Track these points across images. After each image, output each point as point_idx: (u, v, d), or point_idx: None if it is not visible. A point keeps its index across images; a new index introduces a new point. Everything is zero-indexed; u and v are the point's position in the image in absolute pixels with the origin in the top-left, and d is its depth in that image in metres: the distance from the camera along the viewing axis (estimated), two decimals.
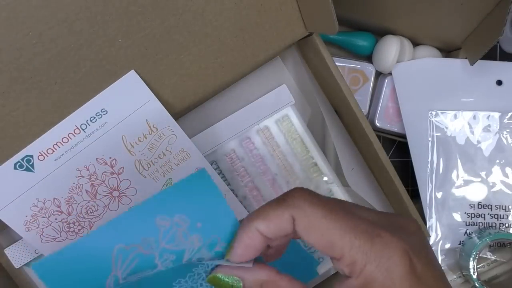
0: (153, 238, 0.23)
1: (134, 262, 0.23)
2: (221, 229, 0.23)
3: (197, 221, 0.23)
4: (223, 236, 0.23)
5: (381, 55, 0.45)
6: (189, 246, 0.23)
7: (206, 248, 0.23)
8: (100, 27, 0.31)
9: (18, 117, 0.31)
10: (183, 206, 0.23)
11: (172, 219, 0.23)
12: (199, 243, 0.23)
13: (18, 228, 0.33)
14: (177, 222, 0.23)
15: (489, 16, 0.41)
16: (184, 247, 0.23)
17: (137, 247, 0.23)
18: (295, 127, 0.40)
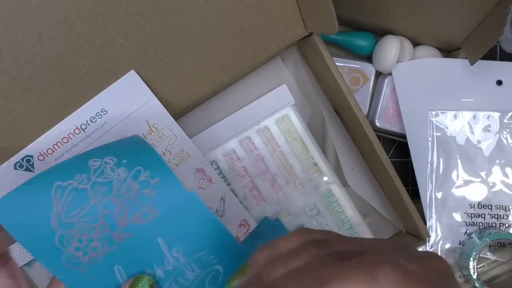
0: (85, 175, 0.26)
1: (70, 197, 0.26)
2: (142, 160, 0.27)
3: (123, 158, 0.27)
4: (144, 166, 0.27)
5: (381, 55, 0.45)
6: (116, 177, 0.26)
7: (131, 178, 0.26)
8: (100, 27, 0.31)
9: (18, 117, 0.31)
10: (112, 149, 0.28)
11: (102, 160, 0.27)
12: (125, 174, 0.26)
13: None
14: (105, 161, 0.27)
15: (489, 16, 0.41)
16: (111, 179, 0.26)
17: (72, 183, 0.26)
18: (295, 127, 0.40)
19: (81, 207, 0.26)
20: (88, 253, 0.25)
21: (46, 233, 0.25)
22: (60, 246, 0.25)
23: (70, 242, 0.25)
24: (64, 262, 0.25)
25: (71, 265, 0.25)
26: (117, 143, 0.29)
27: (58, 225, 0.25)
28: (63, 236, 0.25)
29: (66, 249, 0.25)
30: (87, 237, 0.25)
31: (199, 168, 0.36)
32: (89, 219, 0.25)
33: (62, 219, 0.25)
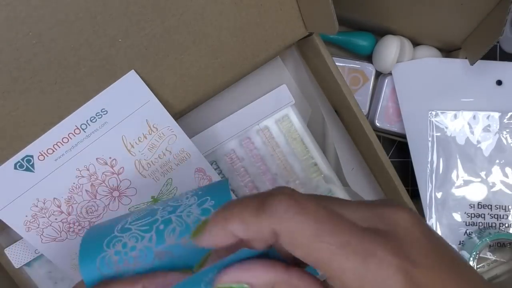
0: (167, 202, 0.27)
1: (144, 212, 0.26)
2: (213, 191, 0.27)
3: (200, 190, 0.27)
4: (212, 196, 0.26)
5: (381, 55, 0.45)
6: (186, 202, 0.26)
7: (196, 205, 0.26)
8: (100, 27, 0.31)
9: (18, 117, 0.31)
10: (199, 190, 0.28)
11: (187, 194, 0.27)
12: (193, 200, 0.26)
13: (18, 228, 0.33)
14: (187, 193, 0.27)
15: (489, 16, 0.41)
16: (181, 203, 0.26)
17: (153, 206, 0.27)
18: (295, 127, 0.40)
19: (145, 218, 0.26)
20: (123, 261, 0.24)
21: (104, 235, 0.25)
22: (106, 247, 0.25)
23: (115, 244, 0.25)
24: (98, 264, 0.24)
25: (102, 269, 0.24)
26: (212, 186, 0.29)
27: (118, 230, 0.25)
28: (114, 238, 0.25)
29: (108, 251, 0.24)
30: (132, 244, 0.25)
31: (199, 168, 0.36)
32: (145, 229, 0.25)
33: (125, 225, 0.26)
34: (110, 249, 0.24)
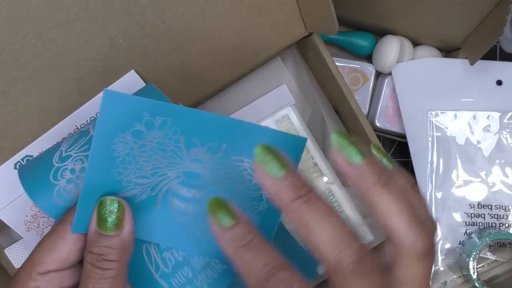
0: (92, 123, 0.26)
1: (75, 135, 0.25)
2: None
3: None
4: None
5: (381, 55, 0.45)
6: None
7: None
8: (100, 27, 0.31)
9: (18, 117, 0.31)
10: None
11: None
12: None
13: (18, 228, 0.33)
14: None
15: (489, 16, 0.41)
16: None
17: (81, 129, 0.26)
18: (295, 127, 0.40)
19: (80, 140, 0.25)
20: (79, 185, 0.24)
21: (45, 171, 0.24)
22: (54, 180, 0.24)
23: (63, 174, 0.24)
24: (56, 197, 0.24)
25: (62, 200, 0.24)
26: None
27: (57, 160, 0.24)
28: (58, 169, 0.24)
29: (59, 183, 0.24)
30: (80, 167, 0.24)
31: None
32: (84, 148, 0.24)
33: (62, 154, 0.25)
34: (59, 180, 0.24)
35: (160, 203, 0.24)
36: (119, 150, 0.22)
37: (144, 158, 0.23)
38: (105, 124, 0.22)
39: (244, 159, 0.23)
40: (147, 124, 0.22)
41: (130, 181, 0.23)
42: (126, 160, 0.23)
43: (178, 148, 0.23)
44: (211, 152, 0.23)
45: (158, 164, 0.23)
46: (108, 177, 0.23)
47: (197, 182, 0.24)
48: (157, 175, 0.23)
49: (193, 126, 0.23)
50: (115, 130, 0.22)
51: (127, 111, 0.22)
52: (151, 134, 0.22)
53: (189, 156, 0.23)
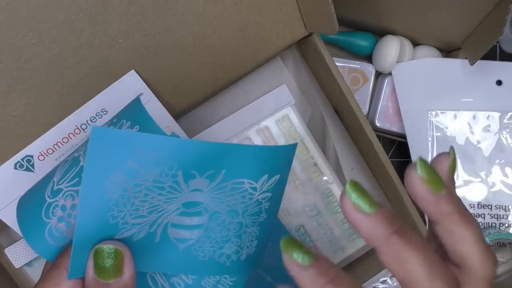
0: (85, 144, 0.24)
1: (67, 165, 0.24)
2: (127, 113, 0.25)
3: (114, 118, 0.24)
4: (127, 117, 0.24)
5: (381, 55, 0.45)
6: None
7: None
8: (100, 27, 0.31)
9: (18, 117, 0.31)
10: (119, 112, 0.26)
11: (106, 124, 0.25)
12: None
13: (18, 228, 0.33)
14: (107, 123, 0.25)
15: (489, 16, 0.41)
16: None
17: (74, 154, 0.24)
18: (295, 127, 0.40)
19: (71, 171, 0.23)
20: (70, 224, 0.22)
21: (38, 207, 0.23)
22: (46, 218, 0.23)
23: (54, 212, 0.23)
24: (47, 237, 0.23)
25: (54, 240, 0.23)
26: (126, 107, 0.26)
27: (49, 194, 0.23)
28: (49, 205, 0.23)
29: (51, 221, 0.23)
30: (70, 203, 0.22)
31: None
32: (75, 181, 0.23)
33: (54, 187, 0.23)
34: (51, 218, 0.23)
35: (160, 236, 0.23)
36: (112, 193, 0.21)
37: (140, 198, 0.21)
38: (94, 163, 0.20)
39: (244, 181, 0.22)
40: (140, 160, 0.20)
41: (126, 222, 0.22)
42: (120, 203, 0.21)
43: (176, 183, 0.21)
44: (210, 179, 0.22)
45: (156, 201, 0.22)
46: (102, 221, 0.21)
47: (197, 210, 0.23)
48: (155, 212, 0.22)
49: (190, 157, 0.21)
50: (105, 170, 0.20)
51: (118, 148, 0.20)
52: (145, 172, 0.20)
53: (188, 188, 0.22)
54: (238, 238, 0.24)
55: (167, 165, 0.20)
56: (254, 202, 0.23)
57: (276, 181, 0.23)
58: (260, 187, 0.23)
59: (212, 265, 0.24)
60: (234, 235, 0.24)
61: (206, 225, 0.23)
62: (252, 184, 0.22)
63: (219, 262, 0.24)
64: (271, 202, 0.24)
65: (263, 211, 0.24)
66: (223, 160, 0.21)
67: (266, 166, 0.22)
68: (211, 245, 0.24)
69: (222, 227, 0.23)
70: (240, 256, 0.24)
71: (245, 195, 0.23)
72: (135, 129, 0.24)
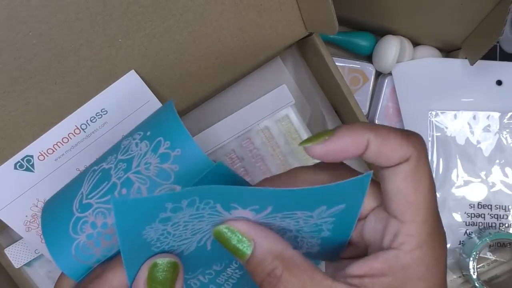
0: (115, 155, 0.23)
1: (96, 178, 0.23)
2: (163, 129, 0.23)
3: (148, 130, 0.23)
4: (164, 136, 0.22)
5: (381, 55, 0.45)
6: (137, 152, 0.22)
7: (151, 151, 0.22)
8: (100, 27, 0.31)
9: (18, 117, 0.31)
10: (144, 123, 0.24)
11: (132, 136, 0.23)
12: (146, 148, 0.22)
13: (18, 228, 0.33)
14: (134, 137, 0.23)
15: (489, 16, 0.41)
16: (133, 154, 0.22)
17: (103, 165, 0.23)
18: (295, 127, 0.40)
19: (102, 186, 0.22)
20: (100, 242, 0.22)
21: (65, 221, 0.22)
22: (74, 233, 0.22)
23: (83, 228, 0.22)
24: (74, 253, 0.22)
25: (80, 257, 0.22)
26: (153, 115, 0.25)
27: (77, 208, 0.22)
28: (78, 220, 0.22)
29: (79, 237, 0.22)
30: (102, 221, 0.21)
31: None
32: (106, 199, 0.22)
33: (83, 200, 0.22)
34: (79, 234, 0.22)
35: (211, 246, 0.22)
36: (151, 236, 0.20)
37: (180, 229, 0.20)
38: (125, 232, 0.19)
39: (297, 212, 0.20)
40: (173, 210, 0.19)
41: (172, 246, 0.21)
42: (162, 237, 0.20)
43: (215, 211, 0.20)
44: (255, 212, 0.20)
45: (197, 226, 0.20)
46: (148, 254, 0.20)
47: None
48: (200, 233, 0.21)
49: (228, 196, 0.19)
50: (138, 229, 0.19)
51: (146, 211, 0.19)
52: (179, 215, 0.19)
53: (231, 215, 0.20)
54: (294, 241, 0.23)
55: (201, 204, 0.19)
56: (312, 224, 0.21)
57: (339, 210, 0.21)
58: (318, 216, 0.21)
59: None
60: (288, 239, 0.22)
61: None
62: (307, 214, 0.21)
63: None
64: (336, 225, 0.22)
65: (324, 230, 0.22)
66: (269, 201, 0.20)
67: (324, 200, 0.20)
68: None
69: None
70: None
71: (299, 221, 0.21)
72: (176, 152, 0.22)
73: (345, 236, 0.23)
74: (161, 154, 0.22)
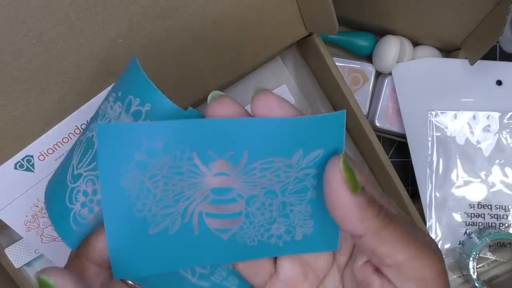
0: (95, 122, 0.23)
1: (82, 147, 0.23)
2: (132, 86, 0.22)
3: (119, 90, 0.23)
4: (134, 93, 0.22)
5: (381, 55, 0.45)
6: (113, 115, 0.22)
7: (124, 112, 0.22)
8: (100, 27, 0.31)
9: (19, 117, 0.31)
10: (117, 83, 0.23)
11: (107, 99, 0.23)
12: (119, 109, 0.22)
13: (18, 228, 0.33)
14: (108, 100, 0.23)
15: (489, 16, 0.41)
16: (110, 118, 0.22)
17: (87, 133, 0.23)
18: None
19: (88, 154, 0.22)
20: (93, 210, 0.22)
21: (61, 193, 0.22)
22: (69, 204, 0.22)
23: (77, 197, 0.22)
24: (72, 224, 0.22)
25: (77, 226, 0.22)
26: (122, 74, 0.24)
27: (70, 180, 0.22)
28: (72, 191, 0.22)
29: (74, 207, 0.22)
30: (91, 189, 0.22)
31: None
32: (93, 166, 0.22)
33: (74, 171, 0.22)
34: (74, 204, 0.22)
35: (198, 228, 0.22)
36: (130, 188, 0.20)
37: (161, 187, 0.20)
38: (106, 162, 0.19)
39: (274, 159, 0.20)
40: (148, 151, 0.19)
41: (154, 215, 0.21)
42: (141, 196, 0.20)
43: (194, 166, 0.20)
44: (233, 161, 0.20)
45: (178, 188, 0.20)
46: (129, 218, 0.20)
47: (230, 196, 0.21)
48: (182, 200, 0.21)
49: (202, 139, 0.19)
50: (118, 166, 0.19)
51: (125, 142, 0.19)
52: (156, 162, 0.19)
53: (210, 171, 0.20)
54: (285, 218, 0.22)
55: (178, 150, 0.19)
56: (293, 180, 0.21)
57: (319, 157, 0.21)
58: (297, 164, 0.21)
59: (263, 248, 0.23)
60: (280, 215, 0.22)
61: (245, 211, 0.22)
62: (285, 162, 0.20)
63: (270, 243, 0.23)
64: (320, 179, 0.21)
65: (309, 189, 0.22)
66: (243, 139, 0.20)
67: (299, 141, 0.20)
68: (256, 229, 0.22)
69: (263, 210, 0.22)
70: (294, 235, 0.23)
71: (279, 174, 0.21)
72: (146, 107, 0.22)
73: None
74: (133, 112, 0.22)
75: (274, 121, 0.19)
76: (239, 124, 0.19)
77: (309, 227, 0.23)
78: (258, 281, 0.24)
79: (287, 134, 0.20)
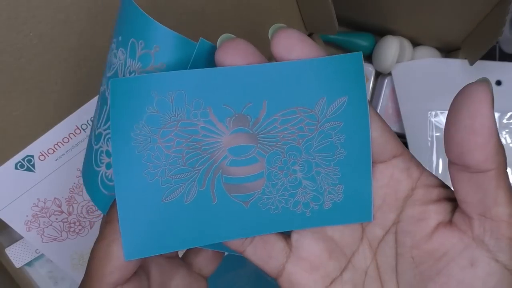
0: (105, 75, 0.22)
1: (98, 104, 0.22)
2: (132, 29, 0.20)
3: (119, 35, 0.21)
4: (136, 35, 0.20)
5: (381, 55, 0.45)
6: (119, 63, 0.21)
7: (130, 58, 0.20)
8: (100, 27, 0.31)
9: (19, 117, 0.31)
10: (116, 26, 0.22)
11: (110, 47, 0.22)
12: (123, 56, 0.20)
13: (19, 228, 0.34)
14: (112, 47, 0.21)
15: (489, 16, 0.41)
16: (116, 67, 0.21)
17: (101, 88, 0.22)
18: None
19: (103, 112, 0.21)
20: None
21: (89, 155, 0.21)
22: (96, 166, 0.21)
23: (101, 158, 0.21)
24: (101, 187, 0.21)
25: (106, 189, 0.21)
26: (118, 17, 0.22)
27: (93, 142, 0.21)
28: (96, 152, 0.21)
29: (100, 169, 0.21)
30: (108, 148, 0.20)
31: None
32: (109, 125, 0.20)
33: (95, 130, 0.21)
34: (100, 166, 0.21)
35: (216, 196, 0.19)
36: (141, 147, 0.18)
37: (173, 147, 0.18)
38: (118, 119, 0.18)
39: (296, 109, 0.19)
40: (159, 104, 0.18)
41: (168, 180, 0.19)
42: (153, 157, 0.18)
43: (209, 123, 0.18)
44: (252, 114, 0.18)
45: (193, 149, 0.19)
46: (141, 183, 0.18)
47: (250, 155, 0.19)
48: (198, 164, 0.19)
49: (218, 90, 0.18)
50: (129, 123, 0.18)
51: (135, 96, 0.18)
52: (169, 116, 0.18)
53: (227, 128, 0.18)
54: (311, 181, 0.20)
55: (192, 103, 0.18)
56: (318, 134, 0.19)
57: (344, 106, 0.19)
58: (321, 114, 0.19)
59: (288, 217, 0.20)
60: (304, 177, 0.20)
61: (267, 171, 0.19)
62: (308, 112, 0.19)
63: (295, 212, 0.20)
64: (347, 134, 0.19)
65: (338, 147, 0.19)
66: (261, 88, 0.18)
67: (321, 86, 0.18)
68: (279, 194, 0.20)
69: (286, 170, 0.20)
70: (322, 204, 0.20)
71: (302, 127, 0.19)
72: (154, 50, 0.20)
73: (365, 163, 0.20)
74: (140, 57, 0.20)
75: (296, 64, 0.18)
76: (257, 70, 0.18)
77: (338, 193, 0.20)
78: (273, 265, 0.20)
79: (310, 79, 0.18)
